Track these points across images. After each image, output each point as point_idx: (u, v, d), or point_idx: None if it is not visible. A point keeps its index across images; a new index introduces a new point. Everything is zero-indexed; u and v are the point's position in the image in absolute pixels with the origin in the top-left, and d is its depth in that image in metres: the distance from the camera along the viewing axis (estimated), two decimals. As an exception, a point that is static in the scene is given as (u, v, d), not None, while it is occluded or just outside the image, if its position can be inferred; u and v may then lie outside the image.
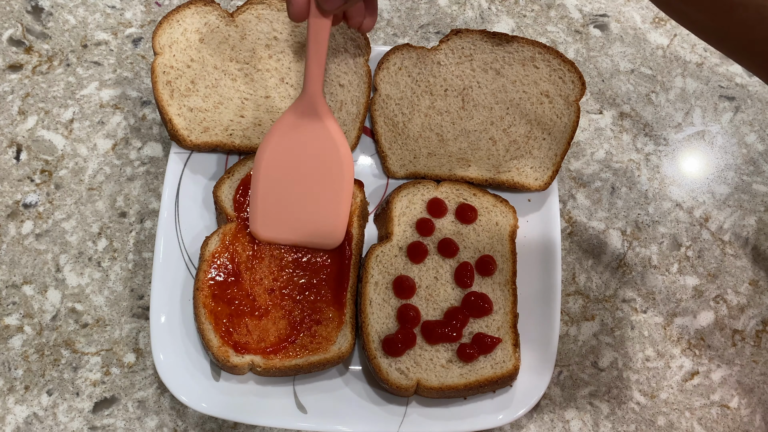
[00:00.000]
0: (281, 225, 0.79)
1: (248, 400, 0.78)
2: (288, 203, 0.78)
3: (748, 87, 1.03)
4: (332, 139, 0.75)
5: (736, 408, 0.86)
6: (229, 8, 1.01)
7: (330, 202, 0.77)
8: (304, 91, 0.74)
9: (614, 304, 0.90)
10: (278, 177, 0.77)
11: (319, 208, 0.78)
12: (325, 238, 0.79)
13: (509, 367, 0.78)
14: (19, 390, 0.83)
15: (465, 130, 0.88)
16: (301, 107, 0.75)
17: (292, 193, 0.77)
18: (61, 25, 1.00)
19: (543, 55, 0.88)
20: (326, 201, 0.77)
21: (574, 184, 0.96)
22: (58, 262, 0.88)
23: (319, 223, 0.78)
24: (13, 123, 0.94)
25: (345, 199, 0.77)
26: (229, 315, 0.78)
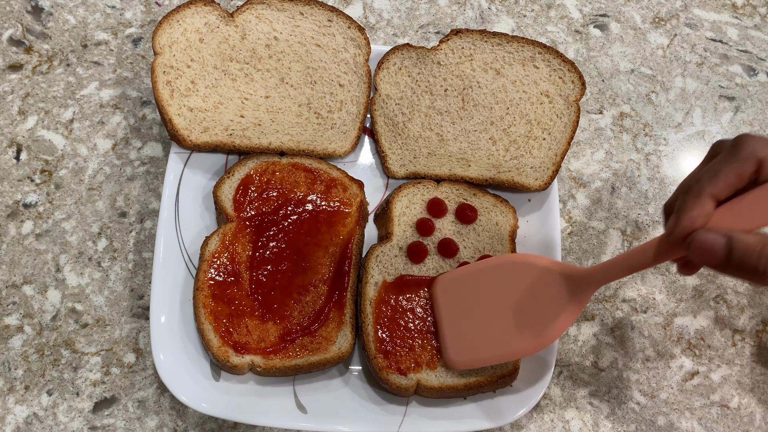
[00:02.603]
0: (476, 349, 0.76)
1: (248, 400, 0.78)
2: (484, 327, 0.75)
3: (748, 87, 1.03)
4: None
5: (736, 408, 0.86)
6: (229, 8, 1.01)
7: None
8: (589, 273, 0.68)
9: (614, 304, 0.90)
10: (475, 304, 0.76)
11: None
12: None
13: (509, 367, 0.78)
14: (19, 390, 0.83)
15: (465, 130, 0.88)
16: (574, 280, 0.69)
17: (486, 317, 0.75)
18: (61, 25, 1.00)
19: (543, 55, 0.88)
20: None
21: (574, 184, 0.96)
22: (58, 262, 0.88)
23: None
24: (13, 123, 0.94)
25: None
26: (229, 315, 0.78)
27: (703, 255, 0.56)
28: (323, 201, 0.84)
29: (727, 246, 0.55)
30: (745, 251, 0.54)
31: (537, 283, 0.71)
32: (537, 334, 0.70)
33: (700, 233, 0.57)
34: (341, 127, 0.88)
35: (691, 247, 0.57)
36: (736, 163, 0.57)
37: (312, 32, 0.89)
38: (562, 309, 0.69)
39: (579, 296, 0.68)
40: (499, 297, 0.74)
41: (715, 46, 1.05)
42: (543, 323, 0.70)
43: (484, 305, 0.75)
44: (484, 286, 0.75)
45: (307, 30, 0.89)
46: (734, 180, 0.57)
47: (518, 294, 0.72)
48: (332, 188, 0.85)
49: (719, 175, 0.58)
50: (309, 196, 0.84)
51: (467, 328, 0.76)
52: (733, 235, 0.55)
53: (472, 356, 0.75)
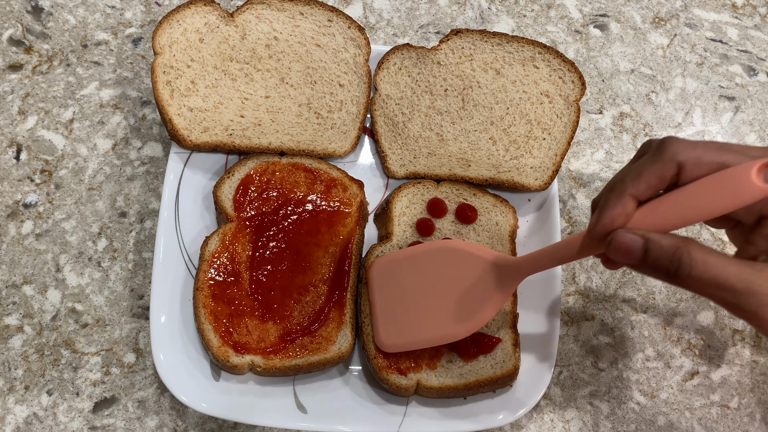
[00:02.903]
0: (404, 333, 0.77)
1: (248, 400, 0.78)
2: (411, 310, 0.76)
3: (748, 87, 1.03)
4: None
5: (736, 408, 0.86)
6: (229, 8, 1.01)
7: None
8: (517, 262, 0.69)
9: (614, 304, 0.90)
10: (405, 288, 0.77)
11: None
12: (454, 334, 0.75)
13: (509, 367, 0.78)
14: (19, 390, 0.83)
15: (465, 130, 0.88)
16: (500, 267, 0.70)
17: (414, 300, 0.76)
18: (61, 25, 1.00)
19: (543, 55, 0.88)
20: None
21: (574, 184, 0.96)
22: (58, 262, 0.88)
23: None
24: (13, 123, 0.94)
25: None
26: (229, 315, 0.78)
27: (621, 254, 0.58)
28: (323, 201, 0.84)
29: (644, 247, 0.57)
30: (660, 253, 0.56)
31: (468, 269, 0.72)
32: (464, 320, 0.72)
33: (619, 233, 0.58)
34: (341, 127, 0.88)
35: (611, 246, 0.59)
36: (658, 165, 0.59)
37: (312, 32, 0.89)
38: (490, 296, 0.71)
39: (506, 285, 0.70)
40: (430, 282, 0.75)
41: (715, 46, 1.05)
42: (471, 309, 0.72)
43: (415, 289, 0.76)
44: (417, 271, 0.76)
45: (307, 30, 0.89)
46: (655, 182, 0.59)
47: (449, 279, 0.74)
48: (332, 188, 0.85)
49: (641, 177, 0.59)
50: (309, 196, 0.84)
51: (398, 311, 0.77)
52: (650, 237, 0.57)
53: (401, 339, 0.76)
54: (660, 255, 0.56)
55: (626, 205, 0.59)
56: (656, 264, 0.57)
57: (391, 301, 0.78)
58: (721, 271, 0.54)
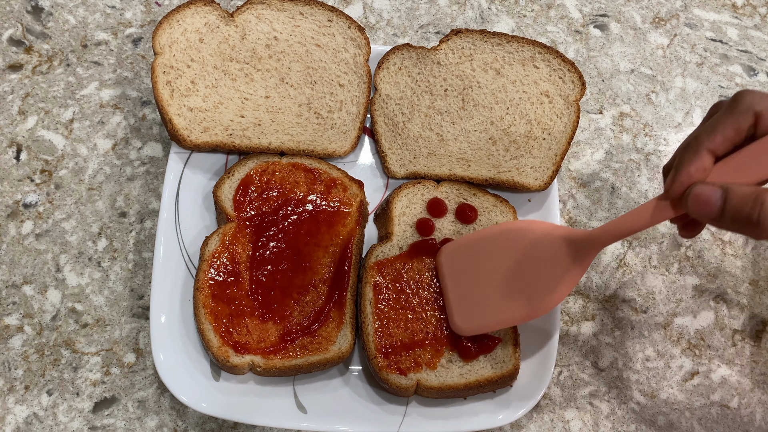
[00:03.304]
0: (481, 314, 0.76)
1: (248, 400, 0.78)
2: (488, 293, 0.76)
3: (747, 87, 1.03)
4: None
5: (736, 408, 0.86)
6: (229, 8, 1.01)
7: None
8: (591, 235, 0.68)
9: (614, 304, 0.90)
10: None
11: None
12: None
13: (509, 367, 0.78)
14: (19, 390, 0.83)
15: (465, 130, 0.88)
16: (577, 242, 0.69)
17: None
18: (61, 25, 1.00)
19: (543, 55, 0.88)
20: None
21: (574, 184, 0.96)
22: (58, 262, 0.88)
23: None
24: (13, 123, 0.94)
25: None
26: (229, 315, 0.78)
27: (699, 207, 0.57)
28: (323, 201, 0.84)
29: (723, 197, 0.55)
30: (739, 201, 0.54)
31: (539, 248, 0.71)
32: (541, 298, 0.71)
33: (697, 186, 0.57)
34: (341, 127, 0.88)
35: (689, 201, 0.57)
36: (733, 117, 0.57)
37: (312, 32, 0.89)
38: (565, 272, 0.69)
39: (581, 259, 0.69)
40: (502, 263, 0.74)
41: (715, 46, 1.05)
42: (546, 287, 0.71)
43: (487, 272, 0.75)
44: (488, 253, 0.76)
45: (307, 30, 0.89)
46: (732, 134, 0.57)
47: (521, 259, 0.73)
48: (332, 188, 0.85)
49: (717, 130, 0.58)
50: (309, 196, 0.84)
51: (472, 294, 0.76)
52: (728, 186, 0.56)
53: (477, 322, 0.76)
54: (740, 203, 0.54)
55: (703, 160, 0.57)
56: (737, 213, 0.54)
57: (464, 285, 0.77)
58: None
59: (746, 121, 0.57)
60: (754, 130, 0.57)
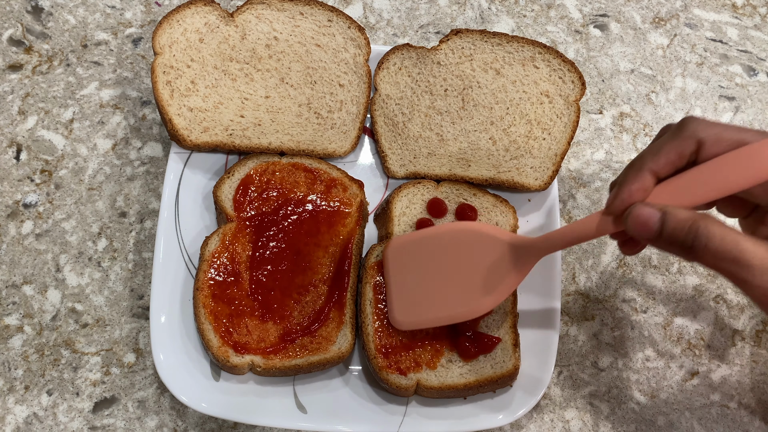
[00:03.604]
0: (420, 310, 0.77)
1: (248, 400, 0.78)
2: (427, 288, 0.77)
3: (748, 87, 1.03)
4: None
5: (736, 408, 0.86)
6: (229, 8, 1.01)
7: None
8: (534, 242, 0.69)
9: (614, 304, 0.90)
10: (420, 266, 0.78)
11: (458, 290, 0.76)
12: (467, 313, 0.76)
13: (509, 367, 0.78)
14: (19, 390, 0.83)
15: (465, 130, 0.88)
16: (518, 248, 0.71)
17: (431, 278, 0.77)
18: (61, 25, 1.00)
19: (543, 55, 0.88)
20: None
21: (574, 184, 0.96)
22: (58, 262, 0.88)
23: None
24: (13, 123, 0.94)
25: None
26: (229, 315, 0.78)
27: (638, 228, 0.58)
28: (323, 201, 0.84)
29: (661, 220, 0.57)
30: (676, 225, 0.56)
31: (484, 250, 0.73)
32: (478, 299, 0.73)
33: (636, 206, 0.59)
34: (341, 127, 0.88)
35: (628, 220, 0.59)
36: (677, 142, 0.59)
37: (312, 32, 0.89)
38: (505, 276, 0.71)
39: (522, 264, 0.71)
40: (446, 262, 0.75)
41: (715, 46, 1.05)
42: (485, 289, 0.73)
43: (431, 269, 0.76)
44: (434, 251, 0.77)
45: (307, 30, 0.89)
46: (675, 158, 0.59)
47: (465, 260, 0.74)
48: (332, 188, 0.85)
49: (660, 153, 0.60)
50: (309, 196, 0.84)
51: (414, 290, 0.77)
52: (667, 210, 0.57)
53: (415, 317, 0.77)
54: (677, 227, 0.56)
55: (645, 180, 0.59)
56: (673, 237, 0.56)
57: (407, 281, 0.78)
58: (737, 245, 0.54)
59: (689, 146, 0.59)
60: (696, 156, 0.59)
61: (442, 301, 0.75)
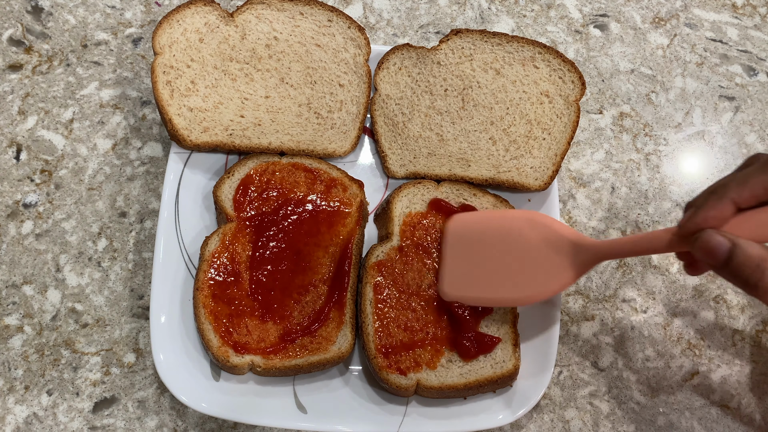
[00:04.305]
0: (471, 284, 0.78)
1: (248, 400, 0.78)
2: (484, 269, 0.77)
3: (748, 87, 1.03)
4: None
5: (736, 408, 0.86)
6: (229, 8, 1.01)
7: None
8: (598, 246, 0.70)
9: (614, 304, 0.90)
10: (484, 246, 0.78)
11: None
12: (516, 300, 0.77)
13: (509, 367, 0.78)
14: (19, 390, 0.83)
15: (465, 130, 0.88)
16: (578, 252, 0.71)
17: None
18: (61, 25, 1.00)
19: (543, 55, 0.88)
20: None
21: (574, 184, 0.96)
22: (58, 262, 0.88)
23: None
24: (13, 123, 0.94)
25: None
26: (229, 315, 0.78)
27: (704, 253, 0.58)
28: (323, 201, 0.84)
29: (729, 251, 0.57)
30: (744, 260, 0.56)
31: (546, 242, 0.73)
32: (530, 290, 0.73)
33: (707, 232, 0.58)
34: (341, 127, 0.88)
35: (696, 244, 0.59)
36: (766, 176, 0.58)
37: (312, 32, 0.89)
38: (562, 272, 0.72)
39: (581, 264, 0.71)
40: (506, 246, 0.76)
41: (715, 46, 1.05)
42: (539, 281, 0.73)
43: (489, 250, 0.77)
44: (495, 234, 0.77)
45: (307, 30, 0.89)
46: (761, 192, 0.58)
47: (525, 248, 0.74)
48: (332, 188, 0.85)
49: (747, 184, 0.58)
50: (309, 196, 0.84)
51: (467, 266, 0.78)
52: (738, 243, 0.57)
53: (462, 292, 0.78)
54: (745, 263, 0.56)
55: (723, 208, 0.58)
56: (739, 271, 0.56)
57: (462, 256, 0.78)
58: None
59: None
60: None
61: (493, 283, 0.76)
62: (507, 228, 0.76)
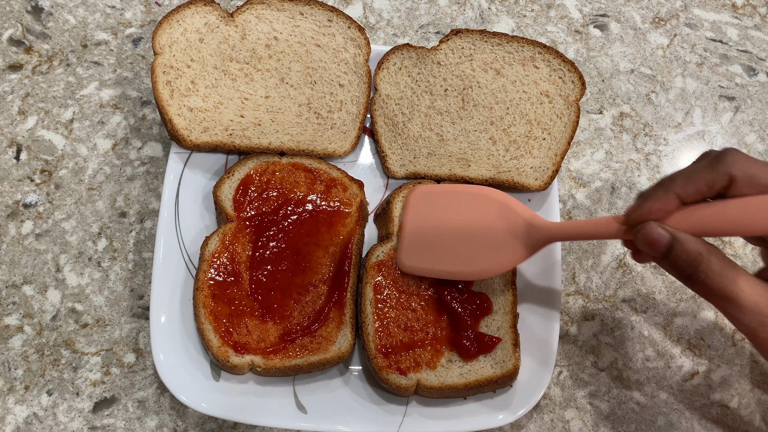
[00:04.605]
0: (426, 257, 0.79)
1: (248, 400, 0.78)
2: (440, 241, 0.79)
3: (748, 87, 1.03)
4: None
5: (736, 408, 0.86)
6: (229, 8, 1.01)
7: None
8: (550, 227, 0.72)
9: (614, 304, 0.90)
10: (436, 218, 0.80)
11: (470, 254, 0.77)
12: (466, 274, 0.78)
13: (509, 367, 0.78)
14: (19, 390, 0.83)
15: (465, 130, 0.88)
16: (528, 229, 0.73)
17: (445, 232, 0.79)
18: (61, 25, 1.00)
19: (543, 55, 0.88)
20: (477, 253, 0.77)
21: (574, 184, 0.96)
22: (58, 262, 0.88)
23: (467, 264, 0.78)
24: (13, 123, 0.94)
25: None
26: (229, 315, 0.78)
27: (646, 245, 0.61)
28: (323, 201, 0.84)
29: (669, 244, 0.60)
30: (682, 254, 0.59)
31: (502, 220, 0.75)
32: (481, 265, 0.76)
33: (650, 224, 0.61)
34: (341, 127, 0.88)
35: (639, 235, 0.62)
36: (710, 173, 0.60)
37: (312, 32, 0.89)
38: (513, 250, 0.74)
39: (533, 244, 0.74)
40: (463, 221, 0.77)
41: (715, 46, 1.05)
42: (492, 257, 0.75)
43: (447, 223, 0.78)
44: (454, 208, 0.78)
45: (307, 30, 0.89)
46: (704, 188, 0.61)
47: (481, 223, 0.76)
48: (332, 188, 0.85)
49: (692, 179, 0.61)
50: (309, 196, 0.84)
51: (425, 238, 0.79)
52: (678, 236, 0.60)
53: (419, 264, 0.79)
54: (681, 256, 0.59)
55: (669, 201, 0.61)
56: (675, 264, 0.60)
57: (421, 228, 0.80)
58: (734, 286, 0.58)
59: (721, 181, 0.60)
60: (726, 190, 0.60)
61: (448, 256, 0.77)
62: (465, 203, 0.78)
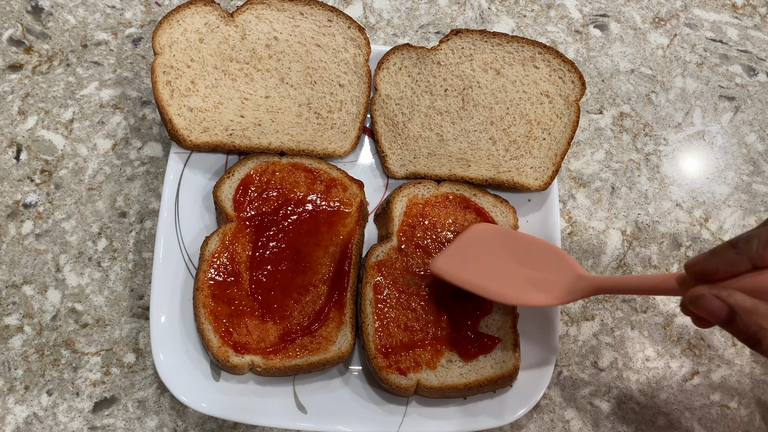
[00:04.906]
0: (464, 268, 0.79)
1: (248, 400, 0.78)
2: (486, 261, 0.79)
3: (748, 87, 1.03)
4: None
5: (736, 408, 0.86)
6: (229, 8, 1.01)
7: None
8: (599, 281, 0.71)
9: (614, 304, 0.90)
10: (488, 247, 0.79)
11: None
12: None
13: (509, 367, 0.78)
14: (19, 390, 0.83)
15: (465, 130, 0.88)
16: (576, 282, 0.73)
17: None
18: (61, 25, 1.00)
19: (543, 55, 0.88)
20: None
21: (574, 184, 0.96)
22: (58, 262, 0.88)
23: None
24: (13, 123, 0.94)
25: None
26: (229, 315, 0.78)
27: (705, 313, 0.58)
28: (323, 201, 0.84)
29: (729, 317, 0.57)
30: (743, 327, 0.57)
31: (554, 268, 0.75)
32: (517, 292, 0.75)
33: (707, 297, 0.58)
34: (341, 127, 0.88)
35: (693, 304, 0.59)
36: None
37: (312, 32, 0.89)
38: (556, 293, 0.73)
39: (575, 292, 0.72)
40: (514, 255, 0.77)
41: (715, 46, 1.05)
42: (529, 289, 0.74)
43: (497, 255, 0.78)
44: (511, 247, 0.78)
45: (307, 30, 0.89)
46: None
47: (531, 259, 0.76)
48: (332, 188, 0.85)
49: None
50: (309, 196, 0.84)
51: (469, 257, 0.78)
52: (738, 310, 0.56)
53: (452, 270, 0.77)
54: (743, 329, 0.56)
55: (739, 266, 0.57)
56: (738, 334, 0.57)
57: (470, 250, 0.79)
58: None
59: None
60: None
61: (485, 274, 0.76)
62: (522, 244, 0.78)
